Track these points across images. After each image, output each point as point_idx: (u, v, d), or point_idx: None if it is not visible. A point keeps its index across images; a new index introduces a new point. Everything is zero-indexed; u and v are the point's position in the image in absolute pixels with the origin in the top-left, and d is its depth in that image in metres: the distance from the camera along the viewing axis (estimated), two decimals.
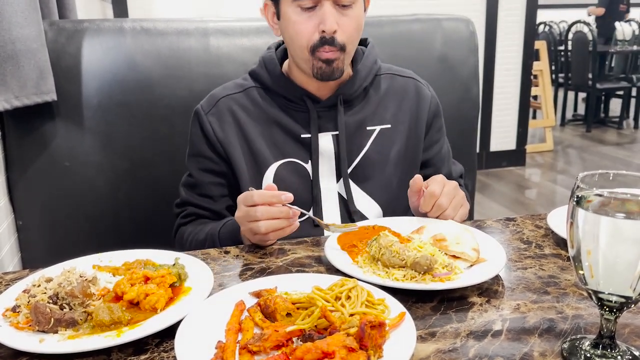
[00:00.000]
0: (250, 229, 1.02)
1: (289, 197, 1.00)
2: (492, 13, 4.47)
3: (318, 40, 1.13)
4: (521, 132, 4.86)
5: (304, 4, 1.12)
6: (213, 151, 1.25)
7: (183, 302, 0.81)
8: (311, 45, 1.14)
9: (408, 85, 1.33)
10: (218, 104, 1.26)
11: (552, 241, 1.05)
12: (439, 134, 1.37)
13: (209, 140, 1.25)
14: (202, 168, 1.27)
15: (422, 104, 1.32)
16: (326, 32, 1.12)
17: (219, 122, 1.25)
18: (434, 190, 1.10)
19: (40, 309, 0.75)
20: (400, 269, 0.89)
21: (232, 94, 1.27)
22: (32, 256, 1.54)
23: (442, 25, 1.72)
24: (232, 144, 1.24)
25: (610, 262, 0.62)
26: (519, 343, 0.72)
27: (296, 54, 1.19)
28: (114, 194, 1.56)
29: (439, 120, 1.37)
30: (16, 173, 1.49)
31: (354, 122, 1.26)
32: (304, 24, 1.13)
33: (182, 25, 1.58)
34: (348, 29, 1.14)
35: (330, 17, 1.11)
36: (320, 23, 1.12)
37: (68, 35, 1.49)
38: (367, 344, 0.66)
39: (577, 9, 8.90)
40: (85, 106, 1.50)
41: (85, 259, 0.96)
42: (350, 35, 1.15)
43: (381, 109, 1.29)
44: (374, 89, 1.30)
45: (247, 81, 1.29)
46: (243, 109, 1.26)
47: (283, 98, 1.25)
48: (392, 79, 1.33)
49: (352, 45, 1.18)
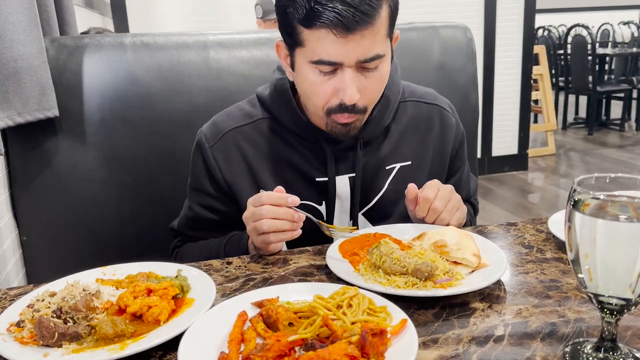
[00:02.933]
0: (254, 228, 1.02)
1: (296, 200, 1.00)
2: (490, 19, 4.49)
3: (336, 106, 1.03)
4: (523, 136, 4.87)
5: (324, 69, 1.00)
6: (217, 189, 1.18)
7: (186, 313, 0.82)
8: (327, 108, 1.04)
9: (432, 115, 1.24)
10: (224, 137, 1.17)
11: (554, 245, 1.05)
12: (461, 161, 1.32)
13: (214, 178, 1.17)
14: (203, 204, 1.21)
15: (447, 136, 1.25)
16: (346, 102, 1.01)
17: (225, 159, 1.16)
18: (428, 195, 1.09)
19: (44, 324, 0.75)
20: (401, 276, 0.89)
21: (240, 127, 1.17)
22: (37, 271, 1.55)
23: (440, 33, 1.73)
24: (239, 185, 1.16)
25: (608, 265, 0.63)
26: (521, 348, 0.72)
27: (310, 106, 1.10)
28: (116, 208, 1.57)
29: (462, 148, 1.30)
30: (20, 189, 1.50)
31: (372, 163, 1.18)
32: (321, 86, 1.01)
33: (181, 39, 1.59)
34: (371, 92, 1.04)
35: (351, 87, 0.99)
36: (340, 90, 1.00)
37: (69, 51, 1.50)
38: (368, 352, 0.66)
39: (576, 12, 8.94)
40: (87, 121, 1.51)
41: (89, 272, 0.97)
42: (372, 98, 1.06)
43: (402, 144, 1.21)
44: (395, 122, 1.20)
45: (256, 109, 1.19)
46: (252, 144, 1.16)
47: (296, 135, 1.16)
48: (415, 107, 1.23)
49: (374, 104, 1.09)
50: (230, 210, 1.19)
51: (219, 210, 1.21)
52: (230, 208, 1.19)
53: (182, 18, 3.95)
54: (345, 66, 0.98)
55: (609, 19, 8.55)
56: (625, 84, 6.43)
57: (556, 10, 8.95)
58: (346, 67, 0.98)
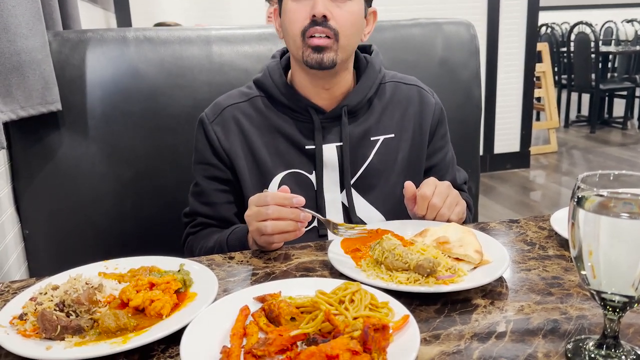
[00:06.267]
0: (257, 228, 1.02)
1: (301, 201, 1.01)
2: (493, 16, 4.48)
3: (309, 24, 1.13)
4: (525, 134, 4.86)
5: None
6: (218, 159, 1.26)
7: (188, 308, 0.82)
8: (302, 28, 1.14)
9: (412, 93, 1.33)
10: (223, 112, 1.26)
11: (556, 242, 1.05)
12: (442, 141, 1.37)
13: (214, 149, 1.26)
14: (207, 176, 1.28)
15: (426, 112, 1.32)
16: (317, 16, 1.12)
17: (224, 131, 1.25)
18: (425, 192, 1.11)
19: (47, 317, 0.76)
20: (403, 272, 0.89)
21: (237, 103, 1.27)
22: (39, 265, 1.55)
23: (443, 29, 1.73)
24: (236, 153, 1.24)
25: (611, 262, 0.63)
26: (523, 344, 0.72)
27: (291, 45, 1.19)
28: (118, 202, 1.57)
29: (442, 127, 1.36)
30: (22, 183, 1.50)
31: (357, 133, 1.26)
32: (297, 12, 1.14)
33: (184, 33, 1.59)
34: (341, 19, 1.14)
35: (320, 3, 1.12)
36: (312, 9, 1.12)
37: (72, 45, 1.50)
38: (370, 347, 0.66)
39: (579, 10, 8.90)
40: (90, 115, 1.51)
41: (91, 266, 0.97)
42: (343, 25, 1.15)
43: (385, 118, 1.29)
44: (378, 98, 1.30)
45: (252, 90, 1.29)
46: (248, 118, 1.26)
47: (287, 108, 1.25)
48: (396, 87, 1.33)
49: (346, 38, 1.16)
50: (232, 179, 1.27)
51: (222, 179, 1.27)
52: (232, 177, 1.27)
53: (184, 13, 3.95)
54: None
55: (613, 16, 8.52)
56: (628, 82, 6.42)
57: (559, 7, 8.92)
58: None
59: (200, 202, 1.29)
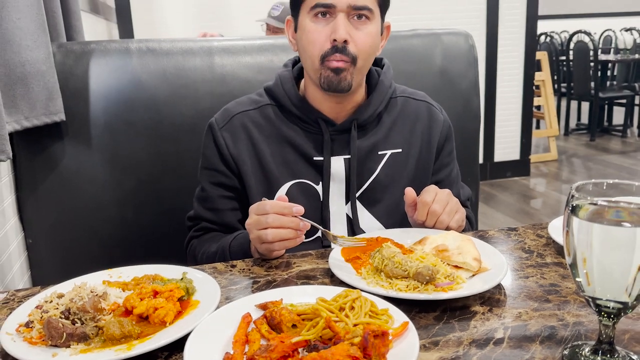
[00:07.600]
0: (258, 237, 1.04)
1: (300, 210, 1.03)
2: (492, 25, 4.51)
3: (329, 49, 1.14)
4: (525, 142, 4.88)
5: (318, 10, 1.14)
6: (225, 166, 1.26)
7: (191, 315, 0.83)
8: (322, 54, 1.15)
9: (421, 109, 1.34)
10: (232, 119, 1.27)
11: (553, 250, 1.07)
12: (449, 157, 1.38)
13: (222, 155, 1.26)
14: (213, 182, 1.28)
15: (434, 128, 1.33)
16: (337, 41, 1.12)
17: (232, 138, 1.25)
18: (426, 199, 1.13)
19: (52, 324, 0.77)
20: (403, 279, 0.91)
21: (247, 111, 1.27)
22: (42, 274, 1.56)
23: (442, 40, 1.75)
24: (244, 161, 1.25)
25: (605, 269, 0.64)
26: (520, 350, 0.73)
27: (307, 65, 1.20)
28: (122, 211, 1.58)
29: (450, 144, 1.37)
30: (26, 192, 1.52)
31: (366, 147, 1.27)
32: (317, 32, 1.15)
33: (186, 44, 1.61)
34: (360, 42, 1.15)
35: (342, 27, 1.12)
36: (333, 32, 1.13)
37: (76, 56, 1.53)
38: (370, 353, 0.68)
39: (578, 19, 8.95)
40: (93, 126, 1.53)
41: (95, 275, 0.98)
42: (362, 50, 1.15)
43: (393, 133, 1.30)
44: (387, 112, 1.30)
45: (263, 97, 1.30)
46: (257, 126, 1.26)
47: (297, 118, 1.25)
48: (405, 102, 1.33)
49: (364, 61, 1.17)
50: (238, 186, 1.27)
51: (228, 186, 1.27)
52: (238, 185, 1.27)
53: (186, 24, 3.98)
54: (338, 10, 1.13)
55: (611, 25, 8.57)
56: (627, 90, 6.44)
57: (558, 16, 8.97)
58: (339, 11, 1.13)
59: (204, 207, 1.30)
